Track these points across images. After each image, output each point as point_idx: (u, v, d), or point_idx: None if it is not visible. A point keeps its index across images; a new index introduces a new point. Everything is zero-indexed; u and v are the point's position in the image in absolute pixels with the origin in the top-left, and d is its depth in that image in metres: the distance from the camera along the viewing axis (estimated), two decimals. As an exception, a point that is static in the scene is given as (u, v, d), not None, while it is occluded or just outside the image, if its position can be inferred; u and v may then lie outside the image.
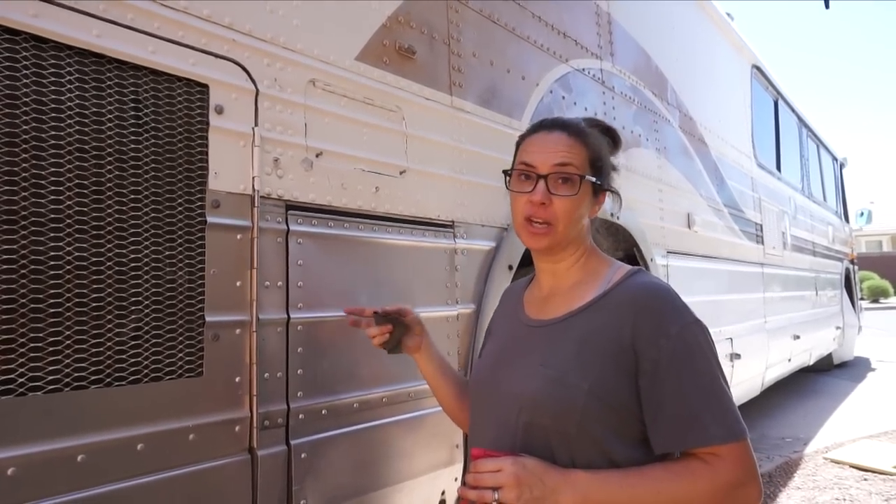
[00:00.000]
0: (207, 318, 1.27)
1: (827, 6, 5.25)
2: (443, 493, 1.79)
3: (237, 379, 1.31)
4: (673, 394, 0.91)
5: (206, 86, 1.31)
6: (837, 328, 7.38)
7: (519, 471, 0.88)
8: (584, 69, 2.71)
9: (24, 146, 1.04)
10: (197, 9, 1.31)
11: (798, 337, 5.51)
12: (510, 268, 2.08)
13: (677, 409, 0.91)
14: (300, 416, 1.42)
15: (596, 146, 1.07)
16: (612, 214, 2.62)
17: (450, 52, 1.97)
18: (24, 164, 1.04)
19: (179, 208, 1.25)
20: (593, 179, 1.04)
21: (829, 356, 7.45)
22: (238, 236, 1.34)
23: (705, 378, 0.92)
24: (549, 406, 0.94)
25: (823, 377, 7.36)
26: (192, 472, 1.22)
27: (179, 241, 1.25)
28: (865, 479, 3.64)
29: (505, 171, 1.10)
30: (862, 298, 12.58)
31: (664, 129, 3.45)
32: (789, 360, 5.33)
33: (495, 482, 0.89)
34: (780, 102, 6.03)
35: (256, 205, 1.36)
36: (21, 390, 1.01)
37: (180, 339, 1.23)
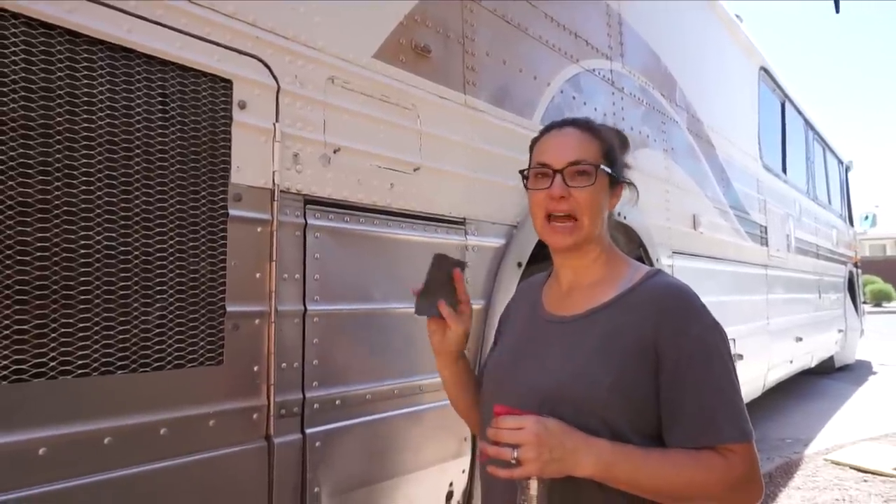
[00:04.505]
0: (228, 309, 1.30)
1: (837, 10, 5.25)
2: (451, 484, 1.83)
3: (256, 368, 1.35)
4: (691, 393, 0.94)
5: (229, 81, 1.34)
6: (840, 331, 7.40)
7: (540, 430, 0.88)
8: (594, 69, 2.74)
9: (57, 138, 1.07)
10: (222, 6, 1.34)
11: (800, 339, 5.53)
12: (519, 265, 2.11)
13: (695, 408, 0.93)
14: (315, 406, 1.45)
15: (608, 139, 1.10)
16: (618, 213, 2.65)
17: (464, 51, 2.00)
18: (57, 156, 1.07)
19: (203, 201, 1.29)
20: (608, 170, 1.06)
21: (831, 359, 7.47)
22: (258, 229, 1.37)
23: (722, 379, 0.95)
24: (572, 399, 0.96)
25: (825, 380, 7.38)
26: (212, 458, 1.26)
27: (202, 232, 1.28)
28: (865, 481, 3.67)
29: (521, 172, 1.12)
30: (865, 302, 12.58)
31: (672, 130, 3.47)
32: (791, 361, 5.36)
33: (515, 440, 0.88)
34: (787, 105, 6.04)
35: (276, 199, 1.40)
36: (52, 374, 1.05)
37: (202, 328, 1.27)
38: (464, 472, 1.87)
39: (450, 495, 1.83)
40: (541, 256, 2.18)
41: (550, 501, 0.89)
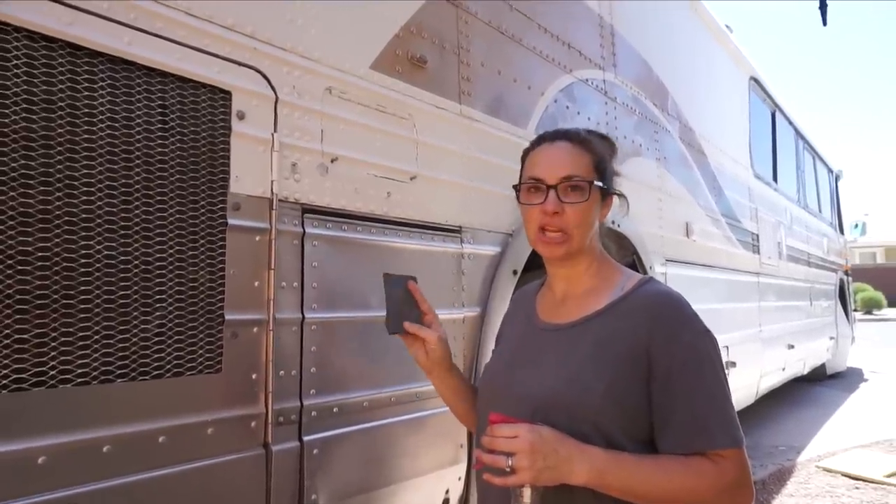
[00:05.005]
0: (227, 317, 1.31)
1: (825, 23, 5.33)
2: (447, 491, 1.84)
3: (254, 376, 1.36)
4: (683, 400, 0.95)
5: (228, 92, 1.36)
6: (831, 338, 7.45)
7: (535, 438, 0.89)
8: (587, 79, 2.77)
9: (59, 149, 1.09)
10: (221, 18, 1.36)
11: (792, 346, 5.57)
12: (514, 273, 2.12)
13: (686, 415, 0.95)
14: (313, 413, 1.46)
15: (599, 151, 1.11)
16: (612, 222, 2.67)
17: (459, 61, 2.03)
18: (58, 167, 1.08)
19: (202, 210, 1.30)
20: (600, 184, 1.08)
21: (823, 366, 7.51)
22: (257, 238, 1.39)
23: (713, 386, 0.97)
24: (565, 406, 0.97)
25: (817, 387, 7.42)
26: (210, 465, 1.26)
27: (202, 241, 1.29)
28: (857, 488, 3.69)
29: (515, 187, 1.13)
30: (855, 309, 12.67)
31: (664, 140, 3.51)
32: (783, 369, 5.39)
33: (510, 448, 0.89)
34: (778, 114, 6.11)
35: (275, 208, 1.41)
36: (52, 382, 1.06)
37: (201, 336, 1.28)
38: (460, 479, 1.87)
39: (446, 502, 1.84)
40: (536, 264, 2.20)
41: None
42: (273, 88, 1.44)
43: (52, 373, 1.06)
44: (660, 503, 0.94)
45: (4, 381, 1.00)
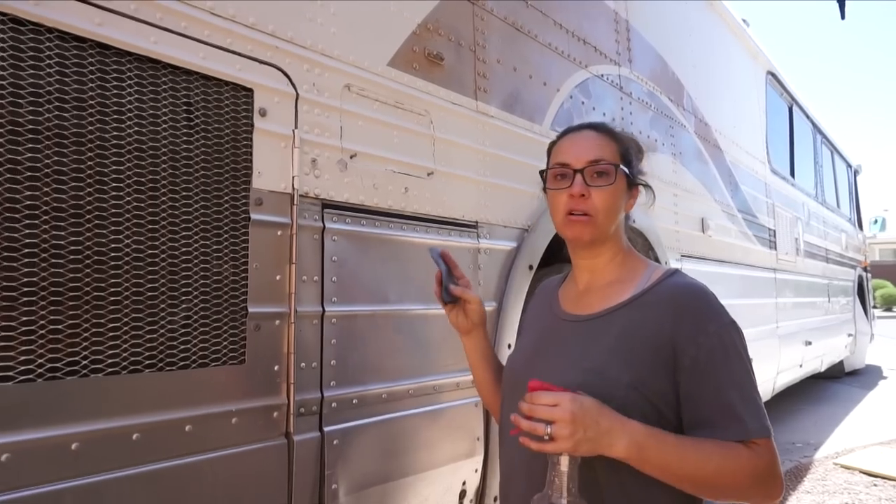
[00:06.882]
0: (250, 310, 1.35)
1: (843, 16, 5.26)
2: (464, 483, 1.86)
3: (276, 367, 1.39)
4: (712, 390, 0.95)
5: (250, 90, 1.39)
6: (849, 335, 7.37)
7: (576, 409, 0.87)
8: (602, 75, 2.77)
9: (89, 146, 1.12)
10: (243, 17, 1.39)
11: (810, 343, 5.52)
12: (530, 268, 2.14)
13: (717, 405, 0.95)
14: (333, 405, 1.49)
15: (624, 141, 1.12)
16: (627, 217, 2.67)
17: (475, 58, 2.04)
18: (89, 163, 1.12)
19: (226, 205, 1.33)
20: (626, 170, 1.08)
21: (841, 363, 7.44)
22: (279, 232, 1.41)
23: (741, 376, 0.97)
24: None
25: (834, 384, 7.36)
26: (234, 454, 1.30)
27: (226, 236, 1.32)
28: (875, 485, 3.67)
29: (541, 173, 1.14)
30: (874, 306, 12.52)
31: (680, 135, 3.50)
32: (801, 366, 5.35)
33: (550, 416, 0.87)
34: (795, 108, 6.05)
35: (296, 203, 1.44)
36: (84, 372, 1.09)
37: (225, 328, 1.31)
38: (476, 471, 1.90)
39: (463, 494, 1.86)
40: (552, 260, 2.22)
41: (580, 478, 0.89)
42: (294, 86, 1.47)
43: (84, 362, 1.10)
44: (695, 485, 0.93)
45: (40, 371, 1.04)
